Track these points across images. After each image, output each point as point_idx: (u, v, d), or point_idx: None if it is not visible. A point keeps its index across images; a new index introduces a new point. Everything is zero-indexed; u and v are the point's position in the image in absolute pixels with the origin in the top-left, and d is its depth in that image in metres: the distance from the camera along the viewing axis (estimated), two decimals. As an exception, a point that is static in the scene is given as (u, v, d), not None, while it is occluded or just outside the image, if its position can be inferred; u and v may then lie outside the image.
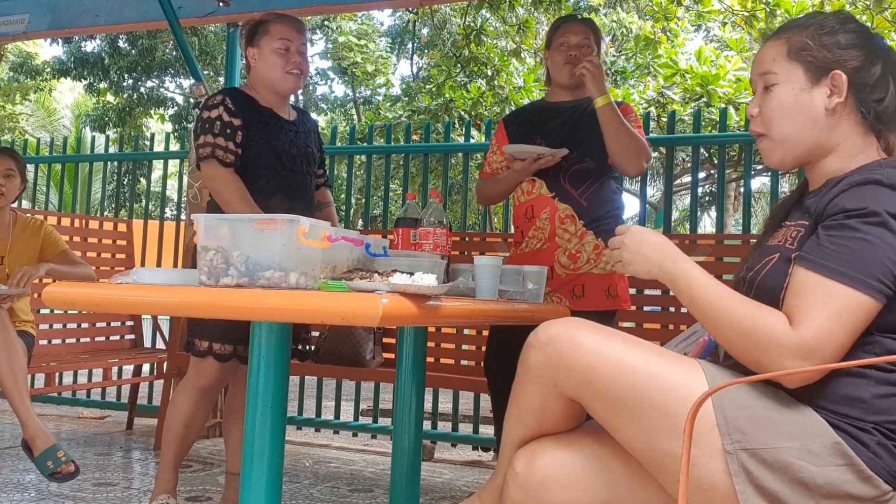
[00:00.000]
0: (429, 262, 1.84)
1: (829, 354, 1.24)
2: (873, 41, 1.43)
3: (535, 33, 9.35)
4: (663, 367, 1.31)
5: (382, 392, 4.59)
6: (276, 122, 2.58)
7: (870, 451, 1.26)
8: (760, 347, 1.27)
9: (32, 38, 4.64)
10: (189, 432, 2.54)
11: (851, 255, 1.25)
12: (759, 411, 1.27)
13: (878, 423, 1.27)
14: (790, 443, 1.25)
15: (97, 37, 13.58)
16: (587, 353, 1.33)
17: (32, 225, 3.41)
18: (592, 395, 1.34)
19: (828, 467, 1.24)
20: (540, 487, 1.37)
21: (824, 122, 1.41)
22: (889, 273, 1.25)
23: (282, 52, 2.52)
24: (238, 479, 2.54)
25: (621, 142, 2.55)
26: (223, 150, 2.46)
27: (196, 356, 2.49)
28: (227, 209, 2.42)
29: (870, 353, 1.29)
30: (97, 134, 15.49)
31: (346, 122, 17.58)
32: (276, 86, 2.55)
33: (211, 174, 2.47)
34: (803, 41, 1.42)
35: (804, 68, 1.42)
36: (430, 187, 4.98)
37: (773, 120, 1.44)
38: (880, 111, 1.40)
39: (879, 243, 1.25)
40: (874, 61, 1.41)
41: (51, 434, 2.77)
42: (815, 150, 1.43)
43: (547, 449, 1.40)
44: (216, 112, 2.48)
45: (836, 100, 1.39)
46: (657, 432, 1.29)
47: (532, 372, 1.40)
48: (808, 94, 1.41)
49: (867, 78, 1.40)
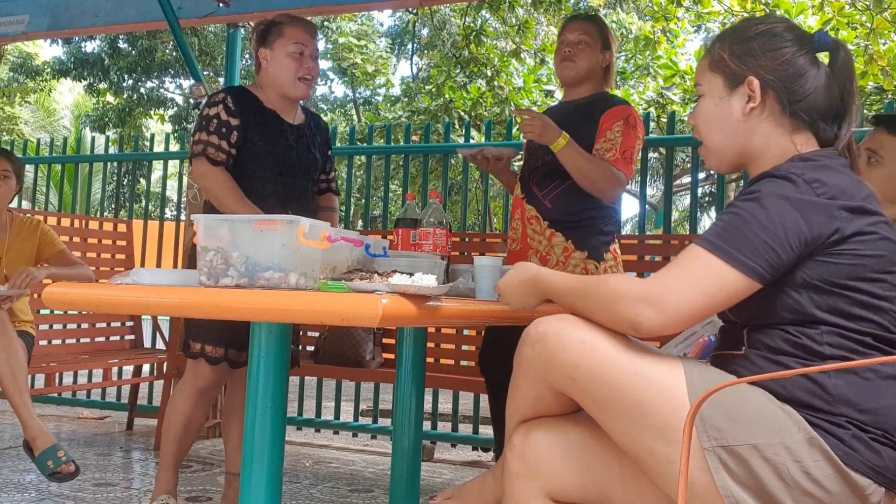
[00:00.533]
0: (428, 263, 1.84)
1: (675, 305, 1.28)
2: (798, 41, 1.45)
3: (535, 34, 9.35)
4: (643, 365, 1.34)
5: (382, 392, 4.59)
6: (279, 125, 2.56)
7: (845, 446, 1.27)
8: (612, 304, 1.33)
9: (32, 38, 4.64)
10: (188, 433, 2.53)
11: (719, 227, 1.32)
12: (736, 408, 1.28)
13: (850, 418, 1.29)
14: (767, 439, 1.27)
15: (97, 37, 13.57)
16: (572, 351, 1.37)
17: (29, 225, 3.41)
18: (577, 391, 1.38)
19: (806, 462, 1.26)
20: (535, 458, 1.43)
21: (744, 128, 1.46)
22: (749, 244, 1.29)
23: (296, 57, 2.51)
24: (238, 479, 2.53)
25: (587, 179, 2.50)
26: (215, 148, 2.45)
27: (190, 358, 2.49)
28: (219, 206, 2.42)
29: (823, 342, 1.31)
30: (97, 134, 15.48)
31: (345, 122, 17.58)
32: (287, 90, 2.54)
33: (200, 172, 2.46)
34: (720, 52, 1.48)
35: (723, 78, 1.47)
36: (429, 188, 4.98)
37: (702, 129, 1.52)
38: (807, 108, 1.43)
39: (748, 217, 1.30)
40: (793, 62, 1.43)
41: (51, 434, 2.77)
42: (744, 154, 1.48)
43: (542, 424, 1.47)
44: (215, 110, 2.48)
45: (751, 105, 1.44)
46: (637, 430, 1.32)
47: (525, 367, 1.46)
48: (728, 102, 1.47)
49: (786, 79, 1.43)
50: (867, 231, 1.31)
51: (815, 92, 1.43)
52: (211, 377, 2.49)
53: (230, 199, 2.41)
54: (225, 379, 2.58)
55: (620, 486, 1.41)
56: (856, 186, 1.35)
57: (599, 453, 1.42)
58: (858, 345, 1.31)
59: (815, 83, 1.43)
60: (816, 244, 1.29)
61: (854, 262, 1.30)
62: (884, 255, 1.32)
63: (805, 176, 1.31)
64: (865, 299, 1.31)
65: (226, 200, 2.41)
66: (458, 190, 10.01)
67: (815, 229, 1.29)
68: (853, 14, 6.42)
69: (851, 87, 1.45)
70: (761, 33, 1.46)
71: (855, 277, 1.31)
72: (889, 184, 2.08)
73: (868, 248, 1.31)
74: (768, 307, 1.34)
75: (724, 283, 1.30)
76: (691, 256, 1.32)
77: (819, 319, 1.31)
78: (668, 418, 1.29)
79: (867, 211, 1.32)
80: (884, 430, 1.29)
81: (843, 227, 1.30)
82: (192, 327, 2.50)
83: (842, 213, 1.30)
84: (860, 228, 1.30)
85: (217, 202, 2.44)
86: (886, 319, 1.32)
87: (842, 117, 1.45)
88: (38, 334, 3.44)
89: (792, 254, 1.29)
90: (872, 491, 1.29)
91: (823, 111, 1.44)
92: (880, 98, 6.39)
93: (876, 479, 1.29)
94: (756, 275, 1.29)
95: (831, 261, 1.30)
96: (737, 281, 1.29)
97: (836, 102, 1.44)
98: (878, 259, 1.32)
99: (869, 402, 1.29)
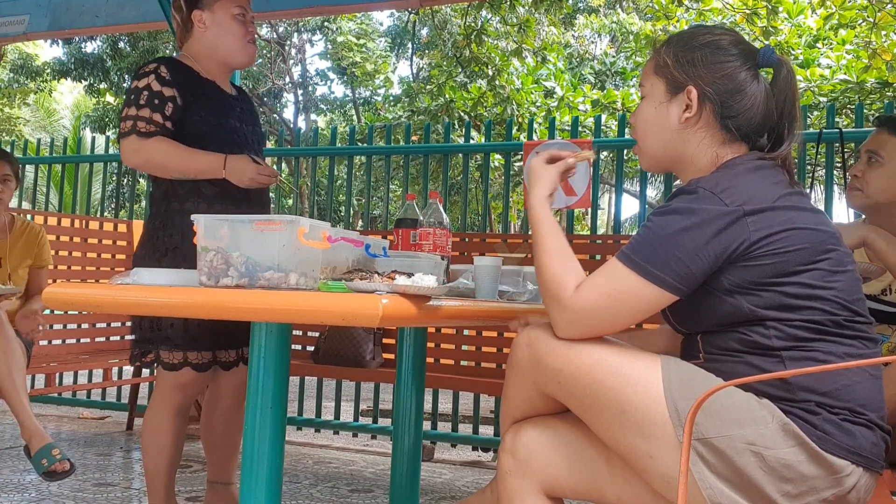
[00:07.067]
0: (428, 263, 1.84)
1: (583, 310, 1.37)
2: (742, 56, 1.47)
3: (536, 33, 9.34)
4: (622, 365, 1.37)
5: (382, 392, 4.59)
6: (221, 96, 2.31)
7: (818, 430, 1.31)
8: (549, 296, 1.42)
9: (32, 38, 4.64)
10: (177, 454, 2.29)
11: (634, 241, 1.39)
12: (711, 402, 1.30)
13: (816, 402, 1.32)
14: (741, 429, 1.30)
15: (98, 38, 13.59)
16: (557, 356, 1.41)
17: (31, 229, 3.41)
18: (563, 393, 1.43)
19: (781, 449, 1.29)
20: (525, 454, 1.47)
21: (678, 136, 1.49)
22: (659, 257, 1.34)
23: (241, 20, 2.27)
24: (227, 488, 2.41)
25: None
26: (146, 121, 2.15)
27: (170, 370, 2.21)
28: (168, 175, 2.19)
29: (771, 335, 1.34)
30: (97, 134, 15.49)
31: (345, 122, 17.59)
32: (233, 56, 2.29)
33: (131, 149, 2.16)
34: (665, 58, 1.51)
35: (665, 83, 1.51)
36: (429, 188, 4.98)
37: (639, 130, 1.56)
38: (741, 123, 1.46)
39: (658, 231, 1.36)
40: (734, 76, 1.45)
41: (48, 434, 2.76)
42: (675, 161, 1.53)
43: (532, 422, 1.51)
44: (145, 81, 2.19)
45: (687, 114, 1.47)
46: (618, 427, 1.36)
47: (515, 370, 1.50)
48: (666, 108, 1.50)
49: (724, 93, 1.45)
50: (781, 230, 1.34)
51: (752, 108, 1.46)
52: (193, 387, 2.25)
53: (180, 159, 2.14)
54: (204, 386, 2.35)
55: (609, 479, 1.44)
56: (770, 188, 1.38)
57: (588, 448, 1.46)
58: (806, 332, 1.35)
59: (752, 100, 1.46)
60: (728, 253, 1.33)
61: (775, 261, 1.34)
62: (806, 246, 1.35)
63: (715, 188, 1.36)
64: (800, 291, 1.35)
65: (176, 162, 2.14)
66: (458, 190, 10.01)
67: (723, 240, 1.33)
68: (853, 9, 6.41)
69: (792, 106, 1.48)
70: (706, 44, 1.48)
71: (780, 274, 1.34)
72: (890, 183, 2.08)
73: (787, 245, 1.34)
74: (708, 314, 1.39)
75: (636, 294, 1.36)
76: (609, 269, 1.38)
77: (762, 317, 1.35)
78: (646, 414, 1.33)
79: (780, 208, 1.35)
80: (849, 408, 1.33)
81: (750, 234, 1.33)
82: (158, 337, 2.21)
83: (748, 219, 1.33)
84: (772, 230, 1.34)
85: (164, 171, 2.18)
86: (827, 305, 1.35)
87: (781, 132, 1.48)
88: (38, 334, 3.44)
89: (702, 265, 1.34)
90: (850, 472, 1.32)
91: (758, 127, 1.47)
92: (880, 95, 6.37)
93: (853, 459, 1.32)
94: (668, 286, 1.35)
95: (751, 264, 1.34)
96: (649, 292, 1.35)
97: (772, 120, 1.47)
98: (800, 252, 1.35)
99: (827, 385, 1.33)
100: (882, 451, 1.38)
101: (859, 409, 1.34)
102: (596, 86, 10.50)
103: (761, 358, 1.35)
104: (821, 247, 1.36)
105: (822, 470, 1.31)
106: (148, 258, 2.23)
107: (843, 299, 1.36)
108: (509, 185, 4.33)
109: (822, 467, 1.31)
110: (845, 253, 1.41)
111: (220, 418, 2.42)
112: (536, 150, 2.68)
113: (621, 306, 1.36)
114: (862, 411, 1.34)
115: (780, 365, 1.33)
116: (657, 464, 1.33)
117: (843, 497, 1.33)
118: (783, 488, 1.29)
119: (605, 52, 15.10)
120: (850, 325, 1.37)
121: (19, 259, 3.32)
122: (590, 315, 1.37)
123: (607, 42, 16.42)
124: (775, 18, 6.83)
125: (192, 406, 2.40)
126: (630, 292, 1.36)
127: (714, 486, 1.30)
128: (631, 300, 1.36)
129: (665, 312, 1.45)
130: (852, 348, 1.36)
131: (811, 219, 1.38)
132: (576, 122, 4.19)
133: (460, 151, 4.73)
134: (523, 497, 1.46)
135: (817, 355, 1.34)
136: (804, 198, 1.43)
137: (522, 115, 8.33)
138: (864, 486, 1.35)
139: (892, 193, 2.09)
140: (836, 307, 1.36)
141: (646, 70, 1.56)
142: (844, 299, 1.37)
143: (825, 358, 1.34)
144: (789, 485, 1.30)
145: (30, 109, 19.27)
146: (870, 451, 1.34)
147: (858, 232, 1.90)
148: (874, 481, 1.38)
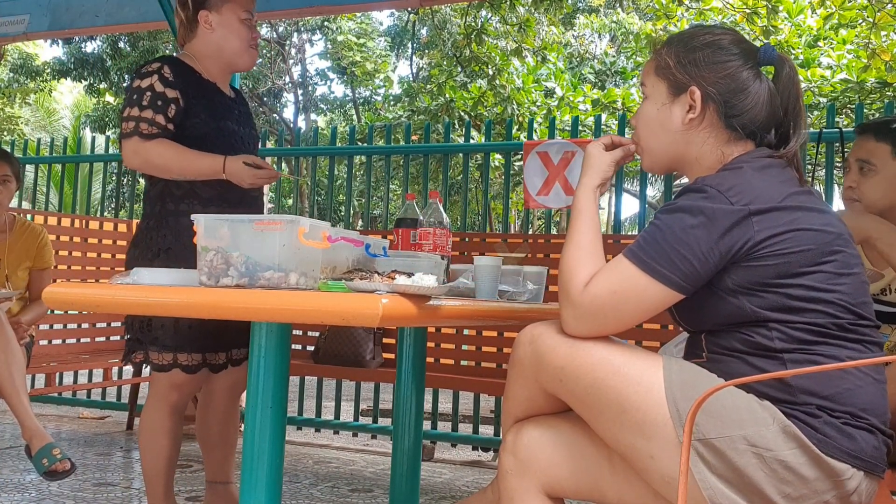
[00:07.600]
0: (428, 263, 1.84)
1: (591, 306, 1.37)
2: (743, 55, 1.47)
3: (536, 32, 9.34)
4: (623, 364, 1.38)
5: (382, 392, 4.59)
6: (221, 99, 2.31)
7: (819, 433, 1.30)
8: (561, 290, 1.42)
9: (32, 38, 4.65)
10: (174, 454, 2.28)
11: (641, 239, 1.38)
12: (712, 403, 1.30)
13: (817, 405, 1.32)
14: (742, 430, 1.30)
15: (98, 38, 13.59)
16: (559, 354, 1.41)
17: (32, 230, 3.41)
18: (564, 392, 1.43)
19: (782, 451, 1.29)
20: (526, 453, 1.48)
21: (682, 136, 1.49)
22: (665, 255, 1.34)
23: (248, 24, 2.27)
24: (226, 487, 2.43)
25: None
26: (148, 122, 2.15)
27: (159, 371, 2.21)
28: (168, 176, 2.19)
29: (773, 337, 1.34)
30: (97, 134, 15.49)
31: (345, 122, 17.59)
32: (236, 59, 2.29)
33: (132, 150, 2.16)
34: (666, 59, 1.50)
35: (667, 84, 1.50)
36: (429, 188, 4.98)
37: (640, 131, 1.55)
38: (746, 122, 1.45)
39: (665, 229, 1.36)
40: (736, 76, 1.45)
41: (48, 434, 2.76)
42: (679, 161, 1.53)
43: (533, 421, 1.51)
44: (148, 81, 2.17)
45: (691, 115, 1.47)
46: (619, 427, 1.36)
47: (517, 368, 1.50)
48: (668, 109, 1.50)
49: (728, 93, 1.45)
50: (786, 230, 1.34)
51: (756, 106, 1.45)
52: (188, 386, 2.25)
53: (181, 161, 2.13)
54: (198, 388, 2.35)
55: (610, 479, 1.44)
56: (777, 187, 1.37)
57: (589, 448, 1.45)
58: (809, 334, 1.34)
59: (756, 98, 1.45)
60: (732, 252, 1.33)
61: (778, 262, 1.33)
62: (811, 248, 1.34)
63: (721, 186, 1.35)
64: (803, 293, 1.34)
65: (176, 164, 2.13)
66: (458, 190, 10.01)
67: (728, 239, 1.32)
68: (853, 9, 6.41)
69: (796, 102, 1.48)
70: (707, 44, 1.48)
71: (783, 275, 1.34)
72: (889, 189, 2.06)
73: (791, 246, 1.33)
74: (711, 313, 1.39)
75: (642, 291, 1.36)
76: (619, 266, 1.38)
77: (764, 318, 1.35)
78: (647, 414, 1.33)
79: (786, 208, 1.35)
80: (850, 412, 1.33)
81: (755, 234, 1.33)
82: (148, 338, 2.20)
83: (753, 218, 1.33)
84: (776, 230, 1.33)
85: (165, 173, 2.17)
86: (831, 307, 1.35)
87: (787, 130, 1.48)
88: (38, 334, 3.44)
89: (708, 264, 1.34)
90: (851, 475, 1.32)
91: (764, 125, 1.47)
92: (880, 95, 6.37)
93: (853, 463, 1.32)
94: (673, 284, 1.34)
95: (754, 264, 1.34)
96: (655, 290, 1.35)
97: (777, 117, 1.47)
98: (804, 254, 1.34)
99: (829, 388, 1.33)
100: (883, 455, 1.37)
101: (861, 412, 1.33)
102: (596, 85, 10.51)
103: (763, 359, 1.35)
104: (826, 248, 1.35)
105: (822, 473, 1.30)
106: (140, 258, 2.22)
107: (847, 302, 1.35)
108: (509, 184, 4.33)
109: (822, 470, 1.30)
110: (853, 255, 1.40)
111: (214, 418, 2.43)
112: (536, 151, 2.68)
113: (627, 303, 1.36)
114: (864, 415, 1.34)
115: (781, 367, 1.33)
116: (658, 464, 1.33)
117: (844, 500, 1.32)
118: (783, 490, 1.29)
119: (605, 51, 15.10)
120: (854, 329, 1.36)
121: (18, 260, 3.32)
122: (596, 311, 1.37)
123: (607, 42, 16.42)
124: (775, 18, 6.83)
125: (188, 405, 2.38)
126: (636, 289, 1.35)
127: (714, 487, 1.30)
128: (637, 297, 1.36)
129: (671, 311, 1.44)
130: (855, 352, 1.35)
131: (818, 219, 1.37)
132: (576, 121, 4.19)
133: (460, 151, 4.73)
134: (524, 497, 1.46)
135: (819, 358, 1.33)
136: (813, 197, 1.41)
137: (522, 115, 8.33)
138: (865, 490, 1.34)
139: (890, 199, 2.07)
140: (840, 310, 1.35)
141: (646, 71, 1.56)
142: (849, 302, 1.36)
143: (827, 361, 1.33)
144: (789, 486, 1.29)
145: (30, 109, 19.27)
146: (871, 455, 1.34)
147: (861, 227, 1.90)
148: (875, 485, 1.37)
